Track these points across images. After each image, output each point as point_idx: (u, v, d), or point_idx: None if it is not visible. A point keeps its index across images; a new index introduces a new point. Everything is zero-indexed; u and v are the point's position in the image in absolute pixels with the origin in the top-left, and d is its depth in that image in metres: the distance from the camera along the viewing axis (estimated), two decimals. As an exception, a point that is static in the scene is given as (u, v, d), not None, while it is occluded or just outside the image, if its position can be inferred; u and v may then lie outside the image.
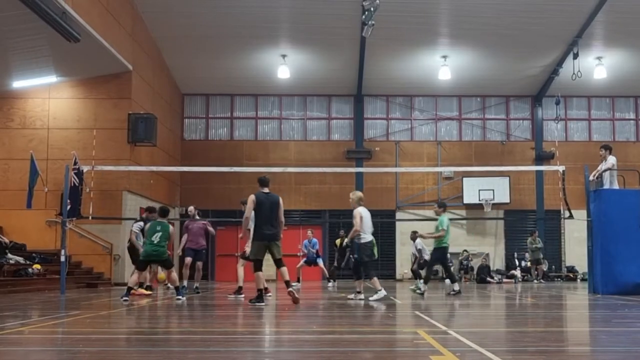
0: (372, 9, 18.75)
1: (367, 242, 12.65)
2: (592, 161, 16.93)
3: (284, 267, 11.03)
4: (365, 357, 5.47)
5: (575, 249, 24.80)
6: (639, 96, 27.68)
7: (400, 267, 26.06)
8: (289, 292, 10.88)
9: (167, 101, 24.71)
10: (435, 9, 21.91)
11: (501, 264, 26.40)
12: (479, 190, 25.41)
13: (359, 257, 12.82)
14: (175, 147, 25.69)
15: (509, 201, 25.46)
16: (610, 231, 14.51)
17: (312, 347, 6.04)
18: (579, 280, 24.91)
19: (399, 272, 26.14)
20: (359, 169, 24.25)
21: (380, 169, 25.15)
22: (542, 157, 26.63)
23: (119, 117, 20.35)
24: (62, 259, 14.81)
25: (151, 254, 12.04)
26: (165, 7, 21.24)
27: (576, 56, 23.05)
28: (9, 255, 16.43)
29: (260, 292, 10.75)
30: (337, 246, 22.38)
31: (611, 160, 15.04)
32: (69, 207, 15.08)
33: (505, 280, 24.21)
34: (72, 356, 5.41)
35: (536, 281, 23.13)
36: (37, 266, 16.70)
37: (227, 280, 23.57)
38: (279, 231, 11.05)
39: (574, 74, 22.86)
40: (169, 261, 12.49)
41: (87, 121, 20.36)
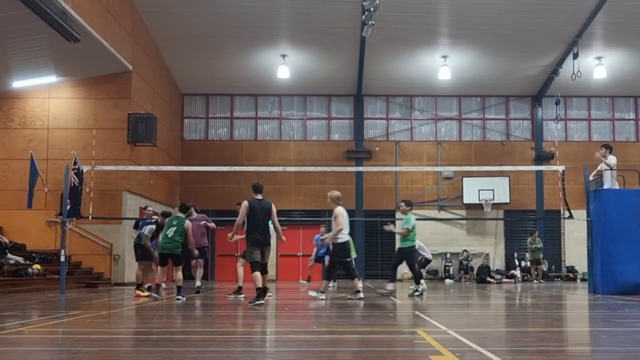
0: (372, 9, 18.74)
1: (343, 242, 12.65)
2: (592, 161, 16.90)
3: (266, 275, 11.22)
4: (365, 357, 5.47)
5: (575, 249, 24.78)
6: (639, 96, 27.67)
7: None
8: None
9: (167, 101, 24.70)
10: (435, 9, 21.90)
11: (501, 264, 26.39)
12: (479, 190, 25.40)
13: (331, 257, 12.92)
14: (175, 147, 25.68)
15: (508, 201, 25.44)
16: (610, 231, 14.52)
17: (312, 347, 6.05)
18: (578, 280, 24.90)
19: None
20: (358, 169, 24.23)
21: (380, 169, 25.12)
22: (542, 157, 26.60)
23: (119, 117, 20.35)
24: (62, 259, 14.83)
25: (164, 247, 12.61)
26: (165, 7, 21.24)
27: (576, 56, 23.03)
28: (9, 255, 16.41)
29: (259, 292, 10.77)
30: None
31: (611, 160, 15.04)
32: (68, 207, 15.09)
33: (505, 280, 24.19)
34: (72, 356, 5.42)
35: (536, 281, 23.13)
36: (37, 266, 16.69)
37: (227, 280, 23.58)
38: (270, 237, 11.33)
39: (573, 74, 22.84)
40: (179, 258, 12.66)
41: (87, 121, 20.34)
